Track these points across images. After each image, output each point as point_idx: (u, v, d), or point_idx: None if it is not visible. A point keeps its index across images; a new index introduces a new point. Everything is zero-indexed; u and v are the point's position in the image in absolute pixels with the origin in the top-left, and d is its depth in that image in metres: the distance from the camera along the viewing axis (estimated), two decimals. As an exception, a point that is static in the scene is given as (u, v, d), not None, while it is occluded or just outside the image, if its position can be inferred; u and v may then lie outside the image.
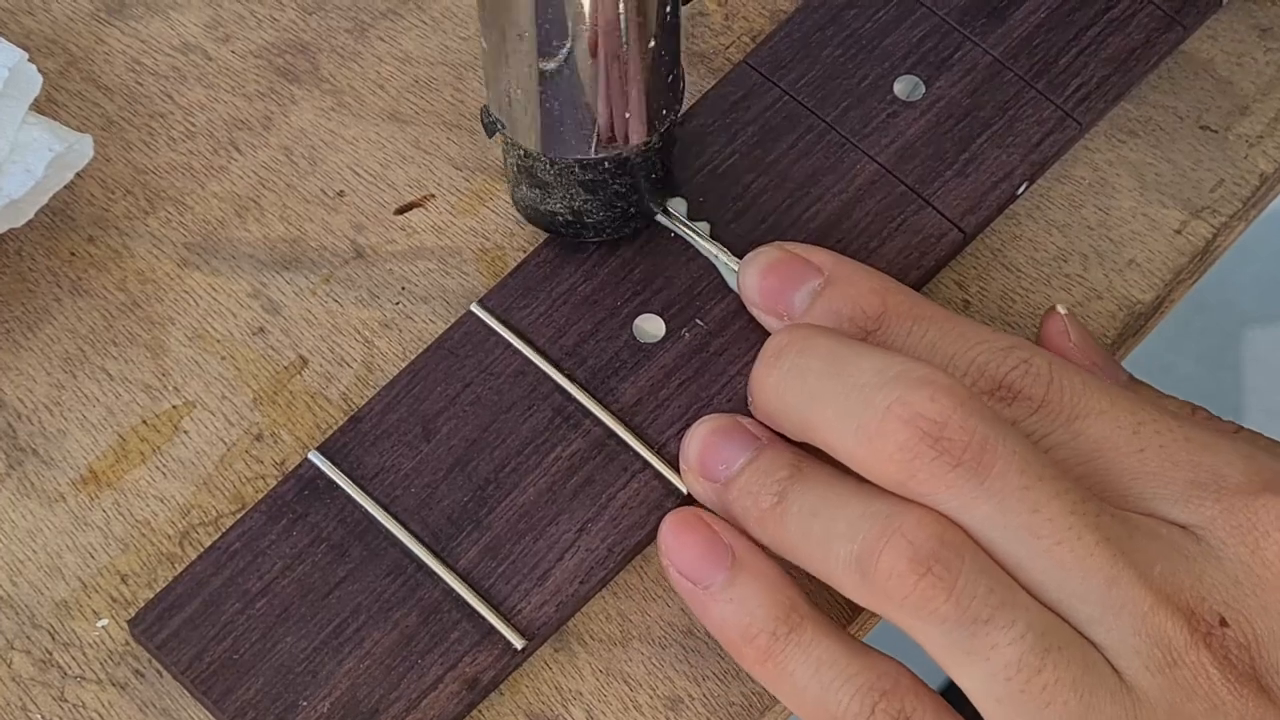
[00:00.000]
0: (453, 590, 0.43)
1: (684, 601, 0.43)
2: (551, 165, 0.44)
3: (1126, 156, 0.50)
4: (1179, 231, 0.49)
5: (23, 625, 0.43)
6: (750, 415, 0.44)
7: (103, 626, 0.43)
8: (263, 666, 0.42)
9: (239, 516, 0.44)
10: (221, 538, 0.43)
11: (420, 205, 0.49)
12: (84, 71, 0.50)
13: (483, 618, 0.42)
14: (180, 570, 0.43)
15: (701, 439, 0.43)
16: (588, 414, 0.44)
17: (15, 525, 0.45)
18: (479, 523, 0.43)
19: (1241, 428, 0.45)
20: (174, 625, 0.42)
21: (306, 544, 0.43)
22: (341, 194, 0.49)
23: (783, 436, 0.43)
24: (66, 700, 0.43)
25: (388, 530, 0.43)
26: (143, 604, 0.43)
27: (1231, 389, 1.25)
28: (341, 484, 0.44)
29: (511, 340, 0.45)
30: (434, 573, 0.43)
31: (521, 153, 0.44)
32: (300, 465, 0.44)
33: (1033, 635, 0.39)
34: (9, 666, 0.43)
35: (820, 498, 0.41)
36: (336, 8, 0.51)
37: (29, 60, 0.47)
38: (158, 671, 0.43)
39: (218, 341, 0.47)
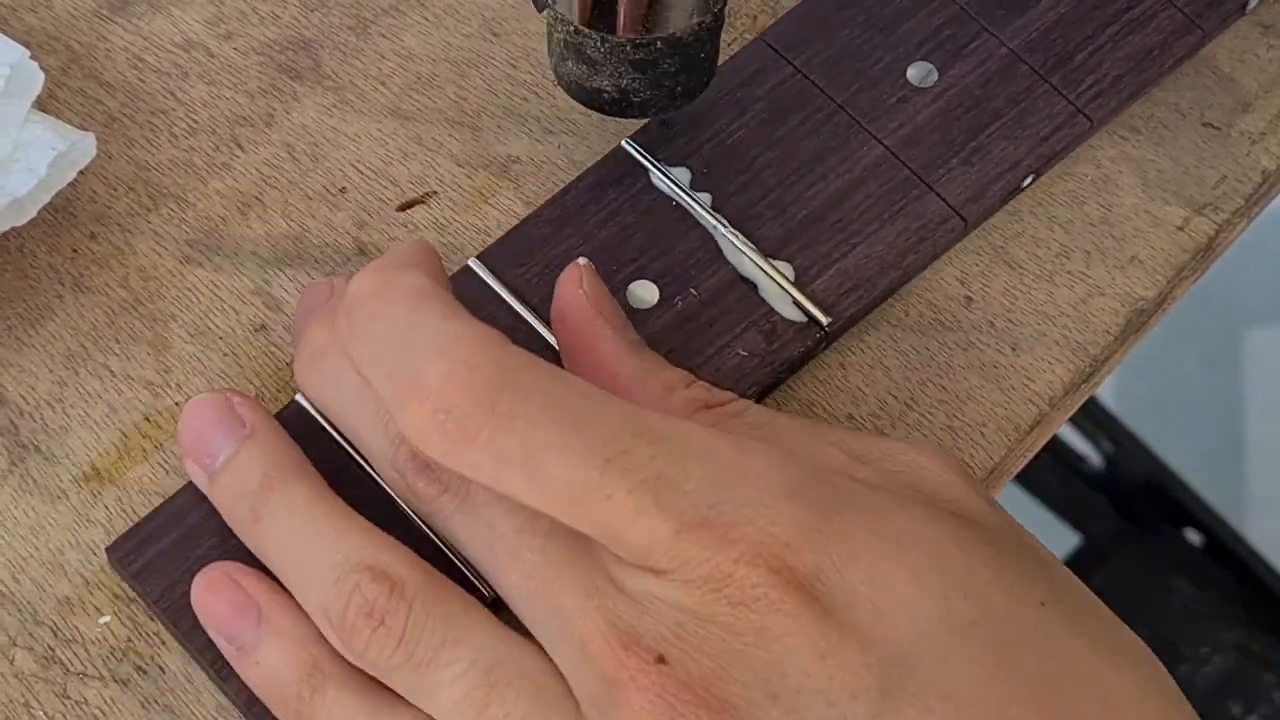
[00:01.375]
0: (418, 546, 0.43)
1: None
2: (602, 42, 0.43)
3: (1129, 153, 0.50)
4: (1181, 228, 0.49)
5: (25, 622, 0.43)
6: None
7: (105, 623, 0.43)
8: None
9: None
10: None
11: (422, 202, 0.49)
12: (86, 68, 0.50)
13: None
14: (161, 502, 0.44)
15: (188, 421, 0.43)
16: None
17: (18, 522, 0.45)
18: None
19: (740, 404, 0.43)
20: (149, 555, 0.43)
21: None
22: (344, 191, 0.49)
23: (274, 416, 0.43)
24: (69, 697, 0.43)
25: (363, 478, 0.43)
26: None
27: (1231, 389, 1.25)
28: (328, 428, 0.44)
29: (506, 297, 0.45)
30: (408, 519, 0.43)
31: (571, 28, 0.43)
32: (287, 406, 0.44)
33: (476, 671, 0.38)
34: (11, 663, 0.43)
35: (293, 529, 0.41)
36: (339, 4, 0.51)
37: (31, 58, 0.47)
38: (160, 668, 0.43)
39: (220, 338, 0.47)
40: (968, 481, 0.41)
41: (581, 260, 0.44)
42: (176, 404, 0.46)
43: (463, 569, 0.42)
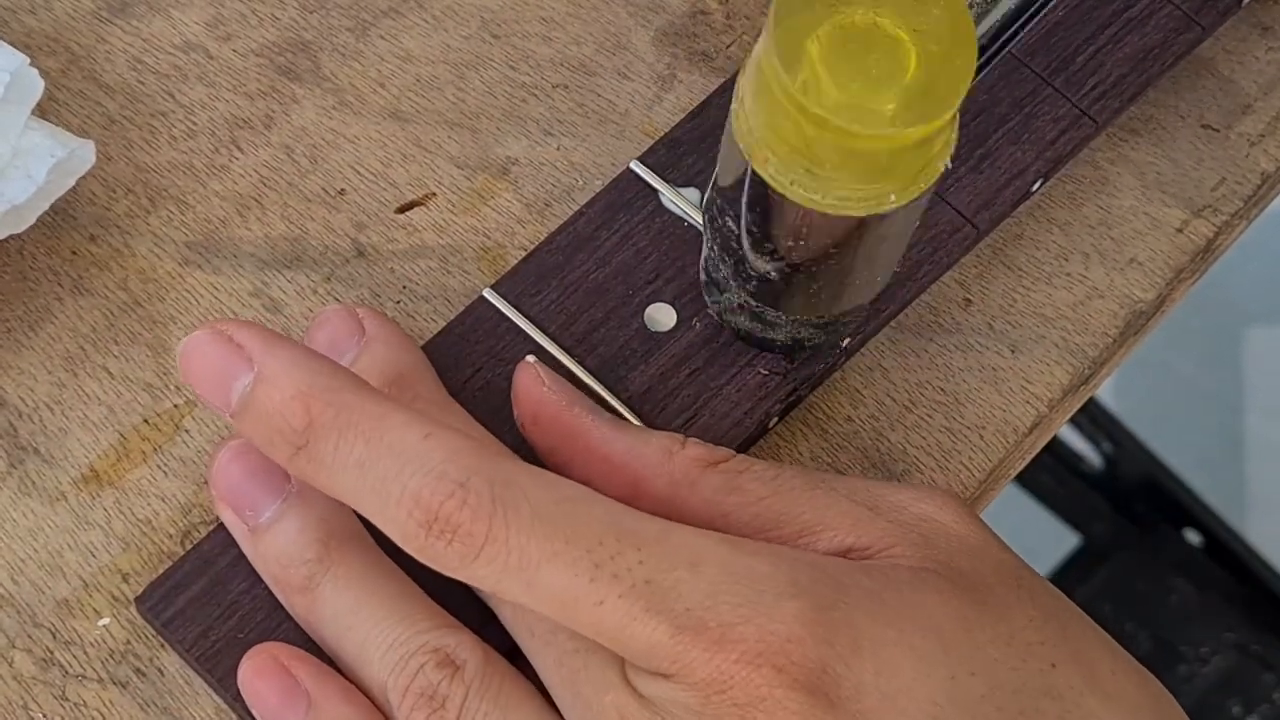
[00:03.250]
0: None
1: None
2: (784, 316, 0.43)
3: (1128, 155, 0.50)
4: (1180, 230, 0.49)
5: (24, 624, 0.43)
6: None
7: (104, 625, 0.43)
8: None
9: None
10: None
11: (421, 204, 0.49)
12: (85, 70, 0.50)
13: (483, 606, 0.42)
14: (187, 549, 0.43)
15: (224, 469, 0.42)
16: (598, 401, 0.45)
17: (16, 524, 0.45)
18: None
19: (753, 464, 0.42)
20: (180, 603, 0.42)
21: None
22: (343, 193, 0.49)
23: None
24: (68, 699, 0.43)
25: None
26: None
27: (1231, 389, 1.25)
28: None
29: (523, 326, 0.45)
30: None
31: (754, 304, 0.43)
32: None
33: None
34: (10, 665, 0.43)
35: (352, 604, 0.40)
36: (338, 6, 0.51)
37: (31, 64, 0.46)
38: (159, 670, 0.43)
39: (219, 340, 0.47)
40: (981, 532, 0.41)
41: (530, 358, 0.43)
42: (175, 406, 0.46)
43: None
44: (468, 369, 0.45)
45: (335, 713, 0.40)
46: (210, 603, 0.42)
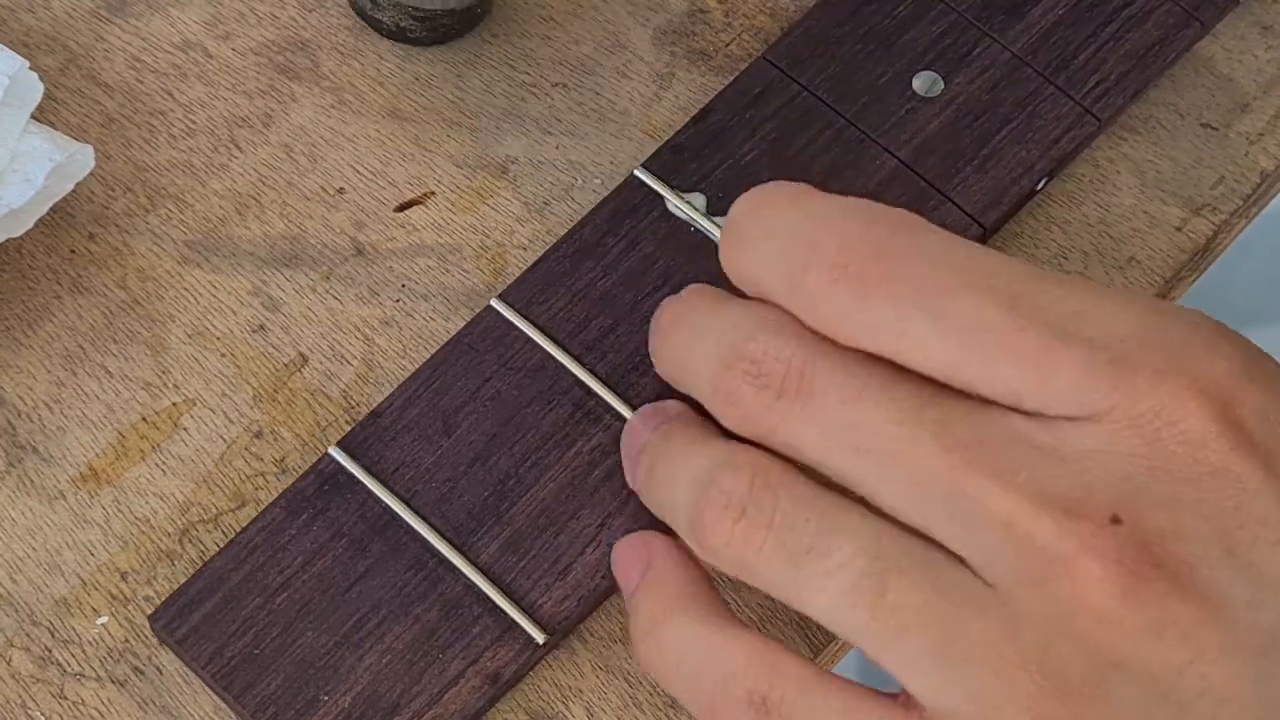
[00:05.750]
0: (474, 585, 0.43)
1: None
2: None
3: (1127, 154, 0.50)
4: (1179, 229, 0.49)
5: (22, 623, 0.43)
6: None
7: (102, 624, 0.43)
8: (284, 661, 0.42)
9: (260, 510, 0.44)
10: (241, 533, 0.43)
11: (421, 202, 0.49)
12: (84, 69, 0.50)
13: (504, 612, 0.42)
14: (200, 565, 0.43)
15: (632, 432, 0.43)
16: (608, 409, 0.45)
17: (15, 523, 0.45)
18: (500, 517, 0.43)
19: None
20: (194, 620, 0.42)
21: (327, 539, 0.43)
22: (342, 191, 0.49)
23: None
24: (66, 698, 0.43)
25: (408, 525, 0.43)
26: (145, 600, 0.43)
27: (1231, 389, 1.25)
28: (362, 479, 0.44)
29: (532, 335, 0.45)
30: (455, 567, 0.43)
31: None
32: (320, 460, 0.44)
33: (864, 558, 0.36)
34: (8, 664, 0.43)
35: (668, 461, 0.41)
36: (336, 5, 0.51)
37: (30, 68, 0.46)
38: (157, 669, 0.43)
39: (218, 339, 0.47)
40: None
41: None
42: (174, 404, 0.46)
43: None
44: (477, 379, 0.45)
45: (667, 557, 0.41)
46: (224, 619, 0.42)
